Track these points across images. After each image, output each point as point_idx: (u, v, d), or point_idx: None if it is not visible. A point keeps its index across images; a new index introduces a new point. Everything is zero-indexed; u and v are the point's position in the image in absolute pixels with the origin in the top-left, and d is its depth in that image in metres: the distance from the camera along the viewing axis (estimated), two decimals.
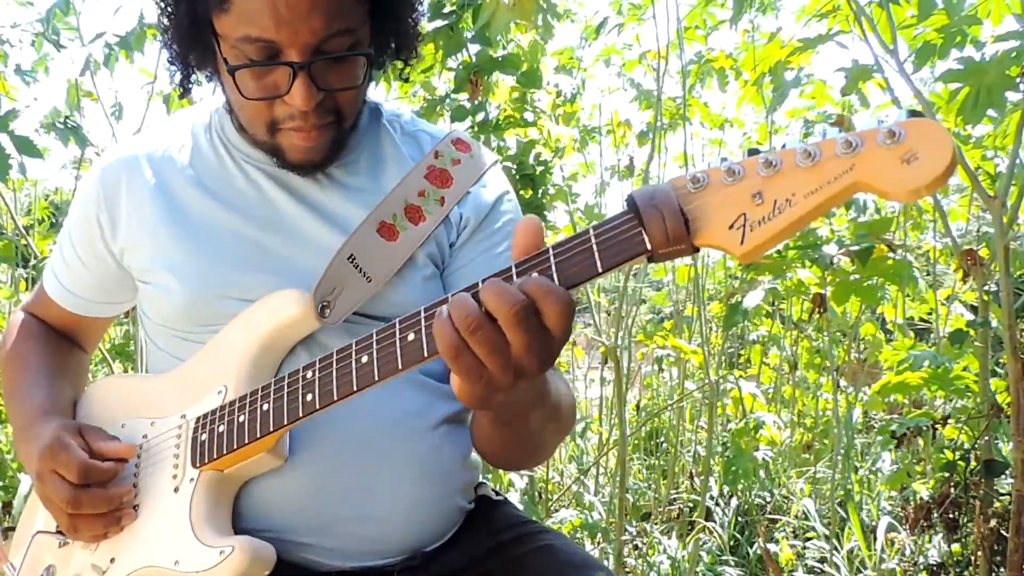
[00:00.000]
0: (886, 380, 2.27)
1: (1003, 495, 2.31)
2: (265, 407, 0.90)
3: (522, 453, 1.01)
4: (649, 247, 0.68)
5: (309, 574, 0.97)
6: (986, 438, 2.19)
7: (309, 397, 0.87)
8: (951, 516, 2.29)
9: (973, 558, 2.29)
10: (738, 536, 2.96)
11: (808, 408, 3.96)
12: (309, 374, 0.88)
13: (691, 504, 3.21)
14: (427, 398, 1.03)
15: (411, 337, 0.79)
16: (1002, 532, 2.14)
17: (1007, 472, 2.18)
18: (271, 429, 0.89)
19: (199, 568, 0.88)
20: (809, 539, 2.83)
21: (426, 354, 0.77)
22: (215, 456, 0.93)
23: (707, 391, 3.06)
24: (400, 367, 0.80)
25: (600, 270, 0.70)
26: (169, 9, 0.97)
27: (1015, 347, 1.84)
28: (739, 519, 3.08)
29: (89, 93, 2.72)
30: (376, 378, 0.81)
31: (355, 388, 0.83)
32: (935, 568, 2.46)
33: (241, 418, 0.92)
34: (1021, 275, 2.64)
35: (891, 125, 0.62)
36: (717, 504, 3.16)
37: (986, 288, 2.09)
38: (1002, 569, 2.11)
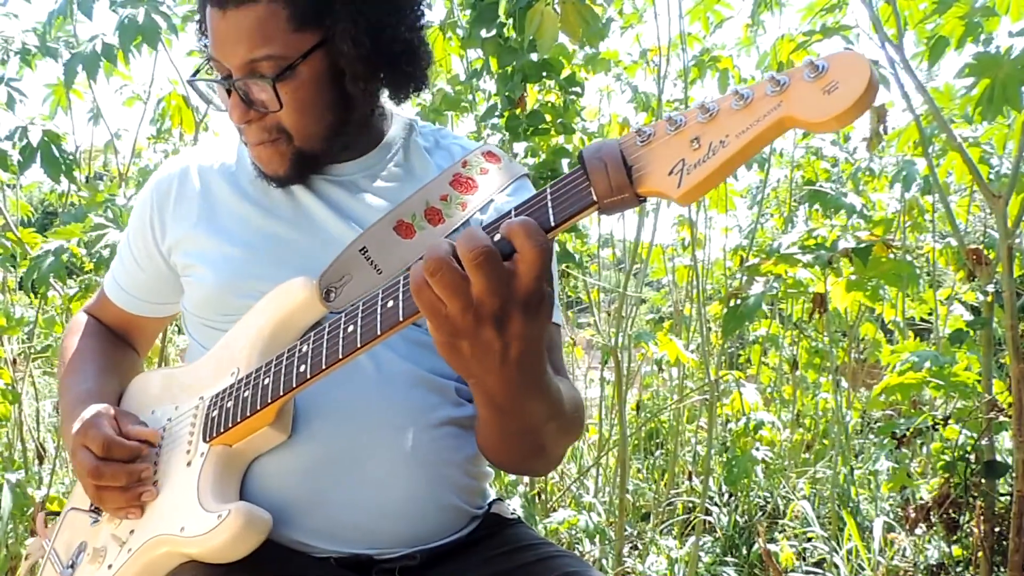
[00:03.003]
0: (888, 381, 2.26)
1: (1003, 495, 2.31)
2: (266, 381, 0.96)
3: (522, 451, 0.99)
4: (595, 198, 0.71)
5: (302, 559, 0.99)
6: (987, 438, 2.19)
7: (302, 368, 0.92)
8: (951, 516, 2.29)
9: (973, 559, 2.29)
10: (737, 536, 2.96)
11: (808, 408, 3.96)
12: (304, 347, 0.93)
13: (691, 504, 3.21)
14: (437, 399, 1.05)
15: (390, 304, 0.83)
16: (1003, 533, 2.14)
17: (1008, 472, 2.18)
18: (269, 401, 0.95)
19: (199, 532, 0.93)
20: (809, 540, 2.83)
21: (401, 318, 0.81)
22: (222, 430, 0.99)
23: (707, 391, 3.06)
24: (379, 332, 0.83)
25: (553, 224, 0.73)
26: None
27: (1017, 347, 1.84)
28: (739, 519, 3.08)
29: (78, 93, 2.72)
30: (359, 344, 0.85)
31: (340, 356, 0.88)
32: (935, 568, 2.45)
33: (246, 393, 0.98)
34: (1022, 275, 2.63)
35: (815, 60, 0.64)
36: (716, 504, 3.16)
37: (987, 288, 2.09)
38: (1002, 569, 2.11)
